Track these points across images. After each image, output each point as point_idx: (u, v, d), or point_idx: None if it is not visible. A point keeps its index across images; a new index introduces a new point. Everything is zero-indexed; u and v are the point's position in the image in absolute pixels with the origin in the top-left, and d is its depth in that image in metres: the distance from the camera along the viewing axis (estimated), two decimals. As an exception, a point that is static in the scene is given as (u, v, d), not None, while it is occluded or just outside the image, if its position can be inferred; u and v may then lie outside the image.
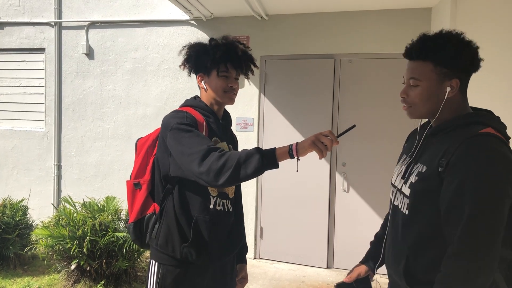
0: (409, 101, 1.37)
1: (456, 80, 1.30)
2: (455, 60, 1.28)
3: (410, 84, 1.35)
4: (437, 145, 1.32)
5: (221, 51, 1.65)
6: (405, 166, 1.43)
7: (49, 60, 5.26)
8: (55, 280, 3.83)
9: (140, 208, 1.69)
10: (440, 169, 1.23)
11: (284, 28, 4.42)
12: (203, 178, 1.44)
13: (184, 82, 4.77)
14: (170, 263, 1.62)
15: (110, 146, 5.10)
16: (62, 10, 5.23)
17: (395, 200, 1.45)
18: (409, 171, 1.38)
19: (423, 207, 1.30)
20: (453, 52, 1.28)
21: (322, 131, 1.41)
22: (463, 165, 1.18)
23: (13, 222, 4.09)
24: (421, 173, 1.31)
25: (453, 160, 1.20)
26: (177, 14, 4.72)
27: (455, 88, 1.30)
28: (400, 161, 1.54)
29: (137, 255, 3.71)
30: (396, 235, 1.41)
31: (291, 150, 1.40)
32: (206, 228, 1.62)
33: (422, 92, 1.32)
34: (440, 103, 1.31)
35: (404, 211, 1.36)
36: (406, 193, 1.35)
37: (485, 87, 3.22)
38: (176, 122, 1.55)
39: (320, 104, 4.34)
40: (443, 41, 1.30)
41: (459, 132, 1.27)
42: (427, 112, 1.36)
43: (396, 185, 1.45)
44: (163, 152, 1.63)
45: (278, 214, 4.52)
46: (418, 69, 1.32)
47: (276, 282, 4.02)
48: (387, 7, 4.07)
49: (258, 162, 1.39)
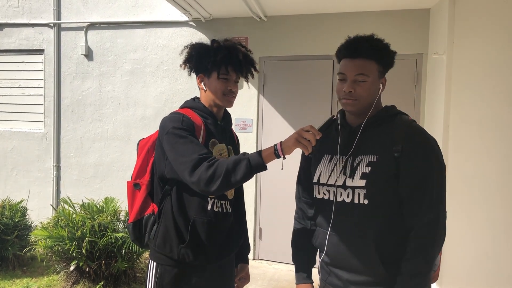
0: (356, 95, 1.46)
1: (385, 78, 1.50)
2: (388, 61, 1.49)
3: (358, 80, 1.45)
4: (375, 135, 1.46)
5: (222, 53, 1.65)
6: (342, 162, 1.48)
7: (48, 61, 5.26)
8: (54, 281, 3.82)
9: (139, 208, 1.70)
10: (397, 155, 1.39)
11: (283, 29, 4.43)
12: (195, 187, 1.48)
13: (183, 83, 4.78)
14: (168, 264, 1.64)
15: (109, 147, 5.10)
16: (61, 11, 5.24)
17: (338, 197, 1.49)
18: (351, 165, 1.46)
19: (383, 192, 1.41)
20: (388, 54, 1.49)
21: (303, 127, 1.43)
22: (421, 147, 1.40)
23: (12, 223, 4.09)
24: (373, 162, 1.42)
25: (408, 144, 1.39)
26: (176, 15, 4.72)
27: (384, 84, 1.50)
28: (322, 160, 1.56)
29: (136, 256, 3.71)
30: (350, 229, 1.46)
31: (276, 151, 1.43)
32: (203, 229, 1.63)
33: (370, 86, 1.45)
34: (375, 98, 1.49)
35: (362, 201, 1.43)
36: (359, 184, 1.43)
37: (483, 86, 3.23)
38: (171, 126, 1.56)
39: (319, 105, 4.34)
40: (382, 44, 1.49)
41: (395, 122, 1.47)
42: (368, 105, 1.48)
43: (333, 183, 1.50)
44: (160, 154, 1.64)
45: (277, 214, 4.53)
46: (366, 66, 1.45)
47: (275, 283, 4.02)
48: (385, 8, 4.08)
49: (246, 167, 1.42)
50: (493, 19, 3.21)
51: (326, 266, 1.57)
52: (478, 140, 3.26)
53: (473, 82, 3.25)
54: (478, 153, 3.26)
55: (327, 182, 1.52)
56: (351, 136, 1.50)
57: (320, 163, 1.57)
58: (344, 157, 1.49)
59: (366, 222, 1.43)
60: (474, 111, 3.25)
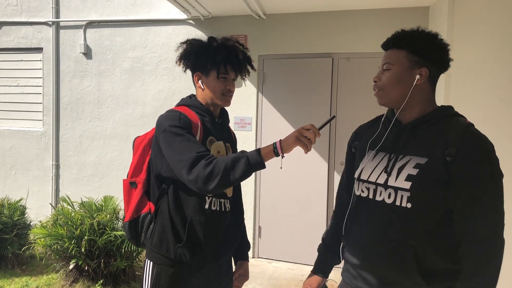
0: (380, 85, 1.42)
1: (425, 69, 1.37)
2: (426, 50, 1.37)
3: (384, 69, 1.42)
4: (427, 136, 1.36)
5: (222, 53, 1.63)
6: (385, 160, 1.41)
7: (46, 59, 5.25)
8: (53, 280, 3.82)
9: (135, 207, 1.68)
10: (449, 159, 1.28)
11: (282, 27, 4.42)
12: (193, 186, 1.46)
13: (182, 81, 4.77)
14: (164, 263, 1.62)
15: (108, 146, 5.09)
16: (60, 10, 5.22)
17: (377, 196, 1.41)
18: (394, 164, 1.38)
19: (429, 197, 1.31)
20: (425, 42, 1.38)
21: (303, 125, 1.41)
22: (476, 153, 1.27)
23: (11, 222, 4.09)
24: (421, 165, 1.31)
25: (463, 150, 1.27)
26: (175, 13, 4.71)
27: (424, 76, 1.37)
28: (366, 156, 1.49)
29: (136, 254, 3.71)
30: (388, 232, 1.37)
31: (276, 149, 1.41)
32: (201, 228, 1.61)
33: (393, 75, 1.39)
34: (408, 89, 1.38)
35: (404, 205, 1.33)
36: (403, 186, 1.33)
37: (483, 84, 3.23)
38: (168, 124, 1.55)
39: (318, 103, 4.34)
40: (418, 33, 1.39)
41: (450, 124, 1.34)
42: (396, 97, 1.40)
43: (374, 180, 1.42)
44: (156, 152, 1.63)
45: (276, 213, 4.53)
46: (392, 55, 1.41)
47: (274, 281, 4.03)
48: (385, 6, 4.07)
49: (245, 165, 1.40)
50: (492, 17, 3.21)
51: (353, 268, 1.48)
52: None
53: (473, 79, 3.25)
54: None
55: (367, 179, 1.44)
56: (399, 133, 1.41)
57: (363, 158, 1.50)
58: (390, 155, 1.40)
59: (407, 227, 1.33)
60: (473, 109, 3.24)
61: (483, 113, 3.22)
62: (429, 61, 1.37)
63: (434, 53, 1.38)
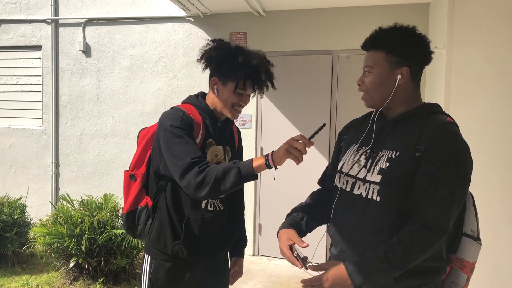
0: (364, 88, 1.44)
1: (406, 68, 1.38)
2: (404, 49, 1.37)
3: (365, 71, 1.44)
4: (404, 132, 1.38)
5: (245, 70, 1.60)
6: (365, 155, 1.44)
7: (46, 57, 5.24)
8: (53, 278, 3.82)
9: (133, 200, 1.71)
10: (418, 154, 1.30)
11: (282, 24, 4.41)
12: (185, 190, 1.50)
13: (182, 79, 4.76)
14: (162, 258, 1.66)
15: (108, 144, 5.09)
16: (59, 7, 5.21)
17: (354, 189, 1.43)
18: (373, 158, 1.40)
19: (397, 191, 1.33)
20: (403, 41, 1.37)
21: (293, 136, 1.41)
22: (442, 150, 1.29)
23: (11, 220, 4.08)
24: (392, 159, 1.35)
25: (431, 145, 1.29)
26: (174, 10, 4.69)
27: (406, 75, 1.38)
28: (350, 149, 1.52)
29: (136, 252, 3.70)
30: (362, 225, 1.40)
31: (268, 161, 1.42)
32: (197, 226, 1.64)
33: (374, 78, 1.41)
34: (391, 90, 1.39)
35: (374, 198, 1.36)
36: (375, 180, 1.36)
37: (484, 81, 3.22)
38: (169, 123, 1.56)
39: (318, 100, 4.33)
40: (394, 32, 1.39)
41: (428, 120, 1.36)
42: (381, 98, 1.42)
43: (354, 174, 1.44)
44: (156, 149, 1.65)
45: (277, 210, 4.52)
46: (372, 57, 1.42)
47: (275, 278, 4.03)
48: (384, 2, 4.06)
49: (235, 177, 1.42)
50: (493, 13, 3.19)
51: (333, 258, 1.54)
52: (478, 136, 3.24)
53: (473, 77, 3.23)
54: (478, 149, 3.22)
55: (348, 172, 1.47)
56: (382, 129, 1.45)
57: (347, 152, 1.53)
58: (371, 150, 1.43)
59: (377, 219, 1.37)
60: (474, 106, 3.23)
61: (484, 109, 3.21)
62: (409, 59, 1.38)
63: (413, 50, 1.38)
